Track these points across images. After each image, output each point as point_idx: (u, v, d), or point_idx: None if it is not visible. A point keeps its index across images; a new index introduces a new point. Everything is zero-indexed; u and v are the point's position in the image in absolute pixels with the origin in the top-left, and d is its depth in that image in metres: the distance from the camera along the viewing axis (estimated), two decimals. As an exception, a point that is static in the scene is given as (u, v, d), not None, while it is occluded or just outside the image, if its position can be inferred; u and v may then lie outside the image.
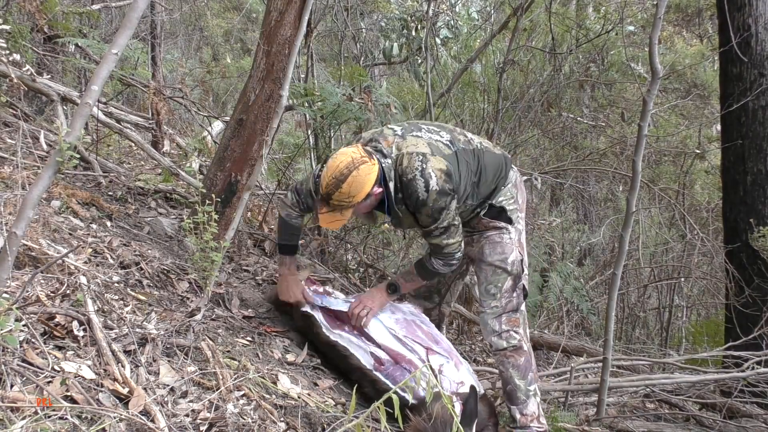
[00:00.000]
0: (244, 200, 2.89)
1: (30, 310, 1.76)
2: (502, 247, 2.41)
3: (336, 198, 2.11)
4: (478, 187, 2.34)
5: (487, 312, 2.44)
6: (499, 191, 2.42)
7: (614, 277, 2.79)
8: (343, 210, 2.14)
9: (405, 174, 2.19)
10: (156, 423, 1.52)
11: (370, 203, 2.22)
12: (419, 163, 2.18)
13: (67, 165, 1.62)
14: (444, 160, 2.22)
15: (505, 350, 2.42)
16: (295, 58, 2.92)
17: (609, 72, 6.16)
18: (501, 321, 2.41)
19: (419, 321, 2.50)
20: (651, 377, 3.34)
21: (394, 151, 2.24)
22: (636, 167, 2.65)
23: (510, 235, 2.42)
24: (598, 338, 5.34)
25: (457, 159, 2.27)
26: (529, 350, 2.46)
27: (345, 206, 2.13)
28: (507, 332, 2.41)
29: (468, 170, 2.29)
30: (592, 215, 7.45)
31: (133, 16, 1.71)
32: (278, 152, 6.05)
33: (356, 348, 2.33)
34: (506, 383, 2.45)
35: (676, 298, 5.75)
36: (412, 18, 5.90)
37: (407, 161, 2.19)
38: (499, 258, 2.41)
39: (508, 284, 2.41)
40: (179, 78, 5.10)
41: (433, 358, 2.32)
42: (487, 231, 2.44)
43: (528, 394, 2.42)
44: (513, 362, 2.42)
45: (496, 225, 2.42)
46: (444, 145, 2.29)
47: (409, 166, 2.18)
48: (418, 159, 2.18)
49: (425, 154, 2.20)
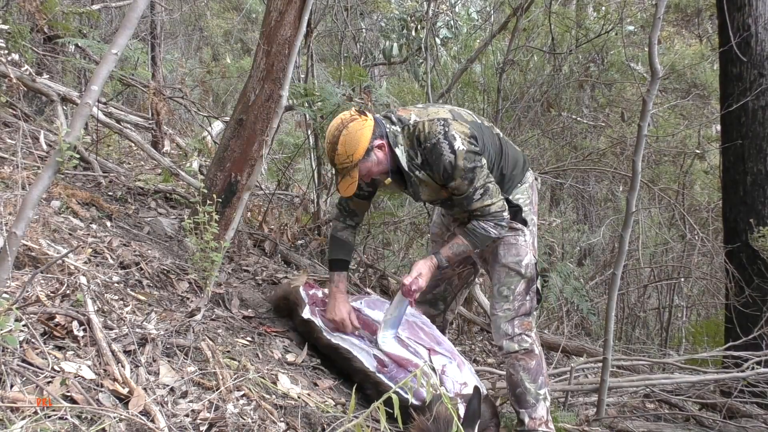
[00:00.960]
0: (244, 200, 2.89)
1: (30, 310, 1.76)
2: (517, 248, 2.39)
3: (338, 161, 2.15)
4: (499, 171, 2.33)
5: (499, 315, 2.42)
6: (515, 187, 2.39)
7: (614, 277, 2.79)
8: (350, 171, 2.16)
9: (428, 139, 2.17)
10: (156, 423, 1.52)
11: (377, 160, 2.20)
12: (441, 127, 2.17)
13: (67, 165, 1.62)
14: (467, 124, 2.22)
15: (517, 353, 2.40)
16: (295, 58, 2.92)
17: (609, 72, 6.16)
18: (513, 324, 2.39)
19: (421, 323, 2.49)
20: (651, 377, 3.34)
21: (412, 118, 2.23)
22: (636, 167, 2.65)
23: (525, 237, 2.40)
24: (598, 338, 5.34)
25: (481, 129, 2.27)
26: (541, 354, 2.44)
27: (349, 166, 2.15)
28: (519, 335, 2.39)
29: (492, 145, 2.29)
30: (592, 215, 7.45)
31: (133, 16, 1.71)
32: (278, 152, 6.05)
33: (359, 350, 2.32)
34: (516, 386, 2.42)
35: (676, 298, 5.75)
36: (412, 18, 5.90)
37: (428, 127, 2.18)
38: (513, 260, 2.38)
39: (522, 287, 2.39)
40: (179, 78, 5.10)
41: (435, 359, 2.31)
42: None
43: (537, 398, 2.40)
44: (524, 365, 2.39)
45: (512, 225, 2.38)
46: (467, 114, 2.30)
47: (431, 131, 2.17)
48: (440, 123, 2.18)
49: (446, 119, 2.20)
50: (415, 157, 2.22)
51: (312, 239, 4.11)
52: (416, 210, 5.13)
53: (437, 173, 2.20)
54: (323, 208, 4.37)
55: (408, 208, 5.23)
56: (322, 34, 6.38)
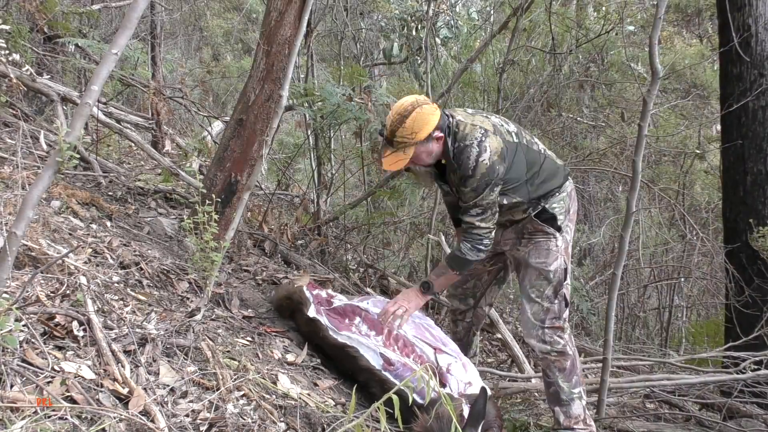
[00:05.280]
0: (244, 200, 2.89)
1: (30, 310, 1.76)
2: (548, 253, 2.43)
3: (399, 135, 2.19)
4: (530, 185, 2.37)
5: (529, 316, 2.46)
6: (553, 196, 2.43)
7: (614, 277, 2.78)
8: (405, 148, 2.21)
9: (463, 140, 2.24)
10: (156, 423, 1.52)
11: (431, 149, 2.27)
12: (479, 134, 2.24)
13: (67, 165, 1.61)
14: (503, 142, 2.28)
15: (549, 353, 2.44)
16: (295, 58, 2.92)
17: (609, 72, 6.15)
18: (544, 326, 2.43)
19: (426, 324, 2.52)
20: (651, 378, 3.34)
21: (458, 117, 2.31)
22: (636, 167, 2.64)
23: (557, 242, 2.43)
24: (598, 338, 5.34)
25: (516, 150, 2.32)
26: (574, 354, 2.47)
27: (407, 143, 2.20)
28: (551, 337, 2.43)
29: (523, 165, 2.34)
30: (592, 215, 7.44)
31: (133, 16, 1.71)
32: (278, 152, 6.06)
33: (366, 349, 2.32)
34: (550, 385, 2.47)
35: (676, 298, 5.75)
36: (412, 18, 5.90)
37: (469, 129, 2.26)
38: (542, 263, 2.43)
39: (549, 291, 2.43)
40: (179, 78, 5.10)
41: (441, 358, 2.34)
42: (536, 235, 2.45)
43: (572, 397, 2.44)
44: (559, 366, 2.44)
45: (545, 230, 2.43)
46: (508, 132, 2.35)
47: (469, 134, 2.25)
48: (480, 131, 2.25)
49: (487, 130, 2.27)
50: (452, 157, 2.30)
51: (312, 239, 4.11)
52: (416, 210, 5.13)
53: (457, 173, 2.27)
54: (323, 208, 4.37)
55: (408, 208, 5.23)
56: (322, 34, 6.37)
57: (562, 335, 2.44)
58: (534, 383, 3.24)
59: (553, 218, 2.43)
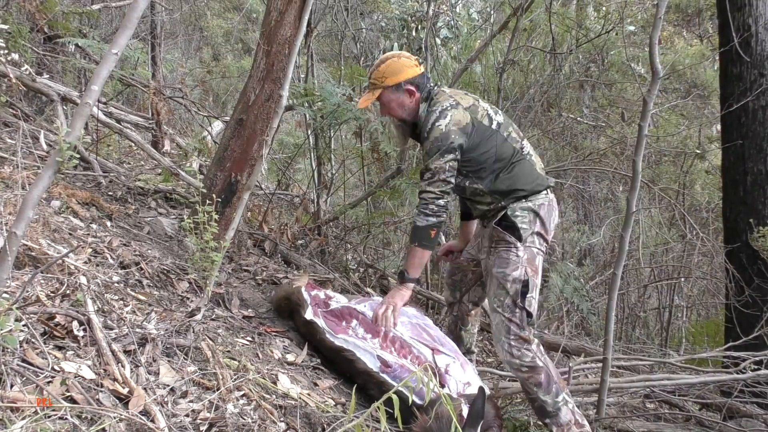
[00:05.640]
0: (244, 200, 2.89)
1: (30, 310, 1.76)
2: (507, 263, 2.41)
3: (374, 76, 2.38)
4: (493, 175, 2.39)
5: (494, 325, 2.47)
6: (518, 200, 2.41)
7: (614, 277, 2.78)
8: (374, 89, 2.39)
9: (433, 105, 2.36)
10: (156, 423, 1.52)
11: (401, 100, 2.40)
12: (447, 104, 2.34)
13: (67, 165, 1.61)
14: (471, 120, 2.34)
15: (520, 369, 2.41)
16: (295, 58, 2.92)
17: (609, 72, 6.16)
18: (510, 337, 2.41)
19: (424, 324, 2.51)
20: (651, 378, 3.34)
21: (443, 88, 2.43)
22: (636, 167, 2.64)
23: (518, 252, 2.41)
24: (598, 338, 5.33)
25: (487, 135, 2.37)
26: (546, 364, 2.43)
27: (377, 85, 2.37)
28: (519, 350, 2.40)
29: (491, 152, 2.37)
30: (592, 215, 7.45)
31: (133, 16, 1.71)
32: (278, 152, 6.06)
33: (363, 352, 2.31)
34: (533, 401, 2.45)
35: (676, 298, 5.74)
36: (413, 18, 5.90)
37: (443, 98, 2.37)
38: (501, 272, 2.41)
39: (508, 301, 2.41)
40: (179, 78, 5.10)
41: (439, 358, 2.33)
42: (500, 245, 2.44)
43: (557, 407, 2.42)
44: (534, 381, 2.41)
45: (506, 239, 2.42)
46: (488, 117, 2.40)
47: (439, 101, 2.36)
48: (451, 101, 2.36)
49: (459, 103, 2.36)
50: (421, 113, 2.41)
51: (312, 239, 4.11)
52: (416, 210, 5.11)
53: (422, 134, 2.38)
54: (323, 208, 4.37)
55: (408, 208, 5.23)
56: (322, 34, 6.38)
57: (529, 347, 2.39)
58: (534, 383, 3.24)
59: (513, 227, 2.40)
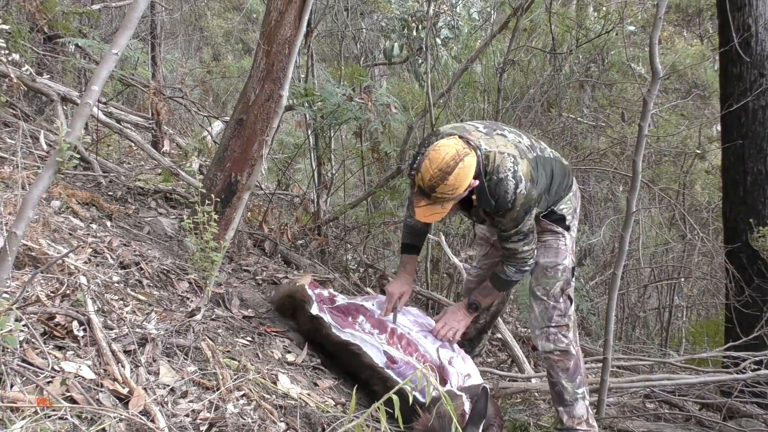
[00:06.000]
0: (244, 200, 2.89)
1: (30, 310, 1.76)
2: (557, 251, 2.44)
3: (440, 191, 2.06)
4: (548, 194, 2.36)
5: (536, 313, 2.48)
6: (561, 200, 2.44)
7: (614, 277, 2.78)
8: (444, 203, 2.10)
9: (496, 172, 2.16)
10: (156, 423, 1.52)
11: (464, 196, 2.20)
12: (512, 164, 2.17)
13: (67, 165, 1.62)
14: (529, 165, 2.23)
15: (552, 353, 2.45)
16: (295, 58, 2.92)
17: (609, 72, 6.15)
18: (551, 324, 2.44)
19: (427, 323, 2.55)
20: (651, 378, 3.34)
21: (482, 146, 2.19)
22: (636, 167, 2.64)
23: (565, 241, 2.45)
24: (598, 338, 5.34)
25: (537, 165, 2.28)
26: (578, 354, 2.48)
27: (447, 198, 2.09)
28: (555, 335, 2.44)
29: (544, 179, 2.31)
30: (592, 215, 7.44)
31: (133, 16, 1.71)
32: (278, 152, 6.06)
33: (369, 346, 2.33)
34: (554, 385, 2.48)
35: (676, 298, 5.75)
36: (413, 18, 5.90)
37: (500, 160, 2.17)
38: (551, 262, 2.43)
39: (557, 289, 2.44)
40: (179, 78, 5.10)
41: (442, 352, 2.38)
42: (545, 234, 2.45)
43: (575, 397, 2.45)
44: (562, 366, 2.45)
45: (554, 229, 2.44)
46: (527, 148, 2.29)
47: (501, 166, 2.16)
48: (511, 160, 2.17)
49: (515, 156, 2.20)
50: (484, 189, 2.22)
51: (312, 239, 4.11)
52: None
53: (495, 207, 2.20)
54: (323, 208, 4.37)
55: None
56: (322, 34, 6.38)
57: (566, 334, 2.44)
58: (534, 383, 3.24)
59: (562, 219, 2.45)
